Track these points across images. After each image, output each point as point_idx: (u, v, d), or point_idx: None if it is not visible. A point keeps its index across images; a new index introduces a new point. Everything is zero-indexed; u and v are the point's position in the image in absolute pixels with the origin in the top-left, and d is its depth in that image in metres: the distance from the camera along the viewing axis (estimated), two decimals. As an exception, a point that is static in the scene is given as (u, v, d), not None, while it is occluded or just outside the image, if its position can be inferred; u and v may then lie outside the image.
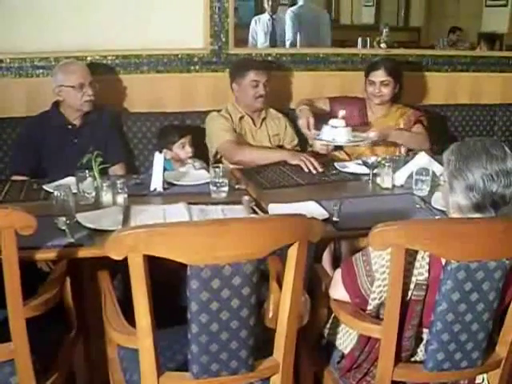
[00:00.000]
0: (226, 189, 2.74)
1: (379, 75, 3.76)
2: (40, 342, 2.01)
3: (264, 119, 3.76)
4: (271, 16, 5.95)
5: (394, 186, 2.93)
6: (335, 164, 3.29)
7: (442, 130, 4.24)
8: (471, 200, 1.86)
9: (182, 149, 3.44)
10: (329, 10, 7.60)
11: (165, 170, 2.89)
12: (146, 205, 2.61)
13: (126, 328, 1.90)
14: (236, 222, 1.74)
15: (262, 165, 3.29)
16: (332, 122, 3.22)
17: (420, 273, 1.84)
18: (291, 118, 3.84)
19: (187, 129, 3.61)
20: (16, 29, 3.55)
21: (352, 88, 4.13)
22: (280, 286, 1.88)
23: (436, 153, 3.14)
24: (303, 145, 3.79)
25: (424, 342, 1.94)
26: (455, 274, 1.76)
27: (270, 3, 5.93)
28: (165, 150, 3.44)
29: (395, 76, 3.79)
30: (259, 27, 5.93)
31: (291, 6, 6.24)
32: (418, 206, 2.66)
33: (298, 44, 5.74)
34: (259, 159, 3.34)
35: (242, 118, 3.69)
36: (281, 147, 3.69)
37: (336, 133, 3.17)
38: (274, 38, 5.91)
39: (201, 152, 3.61)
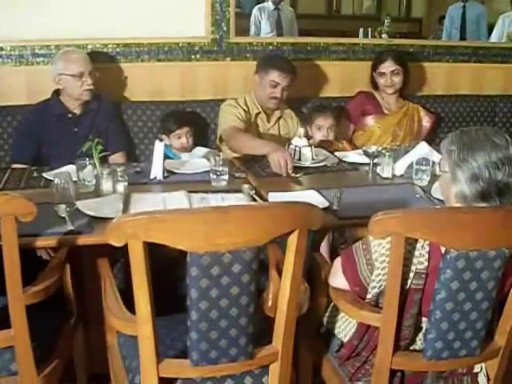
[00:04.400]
0: (226, 177, 2.74)
1: (389, 66, 3.88)
2: (40, 328, 2.02)
3: (279, 118, 3.76)
4: (276, 6, 5.88)
5: (394, 175, 2.93)
6: (336, 153, 3.29)
7: (443, 121, 4.24)
8: (476, 189, 1.85)
9: (178, 139, 3.47)
10: (329, 0, 7.57)
11: (166, 156, 2.89)
12: (146, 193, 2.62)
13: (126, 315, 1.91)
14: (236, 209, 1.74)
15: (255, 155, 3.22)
16: (295, 141, 3.14)
17: (420, 261, 1.84)
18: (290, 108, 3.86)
19: (188, 119, 3.62)
20: (17, 16, 3.54)
21: (353, 78, 4.15)
22: (280, 274, 1.88)
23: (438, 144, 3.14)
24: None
25: (423, 330, 1.95)
26: (454, 262, 1.76)
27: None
28: (163, 136, 3.51)
29: (403, 64, 3.93)
30: (264, 17, 5.86)
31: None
32: (417, 195, 2.66)
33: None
34: (245, 148, 3.24)
35: (258, 114, 3.70)
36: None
37: (300, 153, 3.09)
38: (281, 28, 5.84)
39: (203, 140, 3.63)
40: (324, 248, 2.92)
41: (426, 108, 4.08)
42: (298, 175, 2.93)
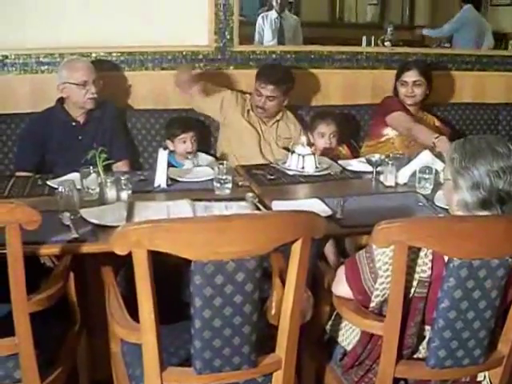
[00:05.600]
0: (229, 185, 2.74)
1: (412, 75, 3.84)
2: (44, 336, 2.02)
3: (278, 121, 3.76)
4: (279, 14, 5.91)
5: (397, 184, 2.92)
6: (339, 162, 3.29)
7: (446, 129, 4.24)
8: (478, 197, 1.86)
9: (183, 144, 3.48)
10: (332, 9, 7.59)
11: (169, 163, 2.89)
12: (150, 201, 2.62)
13: (130, 323, 1.91)
14: (239, 218, 1.75)
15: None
16: (298, 149, 3.13)
17: (423, 270, 1.84)
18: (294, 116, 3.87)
19: (192, 124, 3.63)
20: (21, 25, 3.56)
21: (356, 86, 4.15)
22: (283, 282, 1.88)
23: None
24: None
25: (426, 339, 1.94)
26: (458, 271, 1.77)
27: (279, 1, 5.89)
28: (168, 141, 3.50)
29: (427, 77, 3.87)
30: (266, 24, 5.89)
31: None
32: (420, 204, 2.66)
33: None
34: None
35: (249, 110, 3.74)
36: (287, 149, 3.70)
37: (304, 161, 3.08)
38: (282, 36, 5.87)
39: (205, 147, 3.64)
40: (329, 249, 2.92)
41: (442, 120, 4.05)
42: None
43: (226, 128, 3.76)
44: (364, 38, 5.29)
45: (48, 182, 2.81)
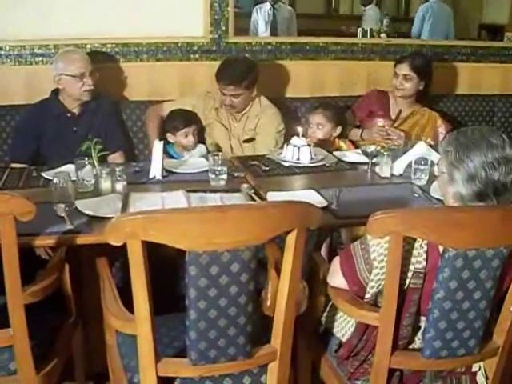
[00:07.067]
0: (224, 177, 2.74)
1: (402, 68, 3.81)
2: (39, 328, 2.02)
3: (245, 114, 3.68)
4: (273, 5, 5.92)
5: (392, 175, 2.92)
6: (334, 153, 3.28)
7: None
8: (473, 189, 1.85)
9: (185, 137, 3.47)
10: (328, 0, 7.59)
11: (169, 154, 2.87)
12: (145, 192, 2.61)
13: (125, 314, 1.91)
14: (234, 208, 1.74)
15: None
16: (294, 140, 3.10)
17: (418, 261, 1.84)
18: (288, 108, 3.87)
19: (194, 118, 3.61)
20: (15, 16, 3.54)
21: (351, 77, 4.15)
22: (278, 273, 1.88)
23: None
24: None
25: (421, 329, 1.95)
26: (453, 262, 1.77)
27: (272, -8, 5.91)
28: (169, 134, 3.50)
29: (420, 73, 3.83)
30: (260, 16, 5.91)
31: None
32: (416, 195, 2.66)
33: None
34: None
35: (217, 108, 3.70)
36: (250, 140, 3.69)
37: (299, 152, 3.06)
38: (275, 28, 5.88)
39: (200, 139, 3.63)
40: (323, 248, 2.93)
41: (446, 115, 4.04)
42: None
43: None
44: (360, 30, 5.29)
45: (43, 174, 2.80)
